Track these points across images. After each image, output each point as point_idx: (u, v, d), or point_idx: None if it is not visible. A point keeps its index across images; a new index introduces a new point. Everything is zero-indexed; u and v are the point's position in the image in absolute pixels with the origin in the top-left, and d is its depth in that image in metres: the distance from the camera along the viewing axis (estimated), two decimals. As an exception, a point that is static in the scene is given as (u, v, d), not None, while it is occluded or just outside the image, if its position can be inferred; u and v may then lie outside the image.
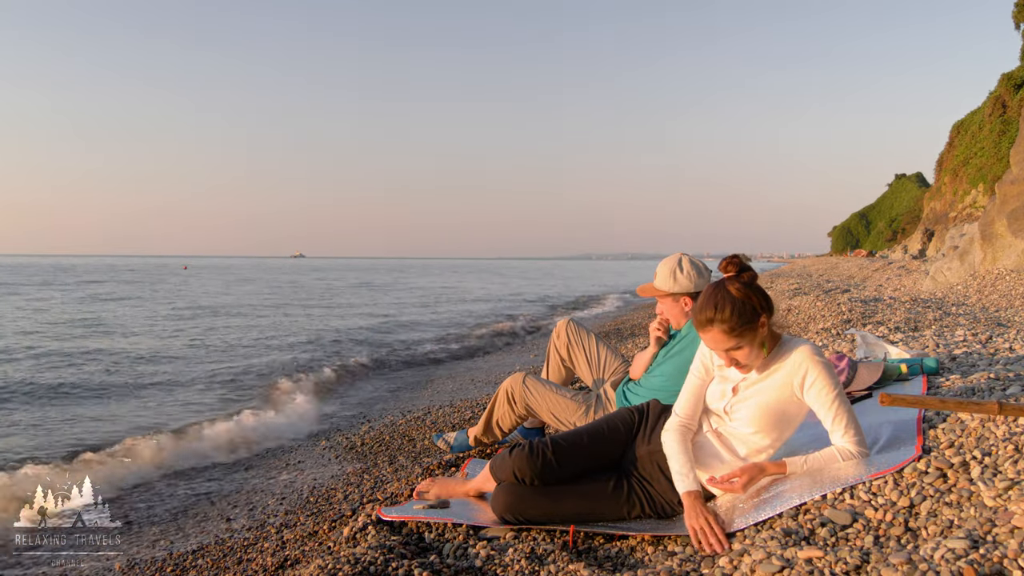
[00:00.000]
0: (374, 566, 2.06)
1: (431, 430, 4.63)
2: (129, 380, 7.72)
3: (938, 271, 11.20)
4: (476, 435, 3.50)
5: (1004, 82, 30.75)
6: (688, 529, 2.06)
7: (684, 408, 2.30)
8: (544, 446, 2.32)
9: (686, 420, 2.28)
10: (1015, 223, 9.85)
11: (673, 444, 2.23)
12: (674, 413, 2.31)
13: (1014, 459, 1.91)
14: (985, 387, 2.77)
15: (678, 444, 2.22)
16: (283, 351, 10.10)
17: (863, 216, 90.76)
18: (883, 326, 5.24)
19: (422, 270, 73.91)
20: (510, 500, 2.30)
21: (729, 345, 2.08)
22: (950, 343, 4.13)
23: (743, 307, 2.05)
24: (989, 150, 30.61)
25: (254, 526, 3.28)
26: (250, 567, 2.68)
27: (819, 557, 1.68)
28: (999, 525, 1.62)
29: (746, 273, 2.14)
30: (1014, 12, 26.54)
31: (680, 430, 2.26)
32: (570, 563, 2.04)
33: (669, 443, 2.25)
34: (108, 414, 6.08)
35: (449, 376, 7.87)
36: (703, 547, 2.00)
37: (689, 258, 3.00)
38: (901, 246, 47.95)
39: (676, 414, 2.30)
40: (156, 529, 3.43)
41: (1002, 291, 8.17)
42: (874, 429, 2.39)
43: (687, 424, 2.28)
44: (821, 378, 2.10)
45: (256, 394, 6.94)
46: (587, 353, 3.55)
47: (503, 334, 12.24)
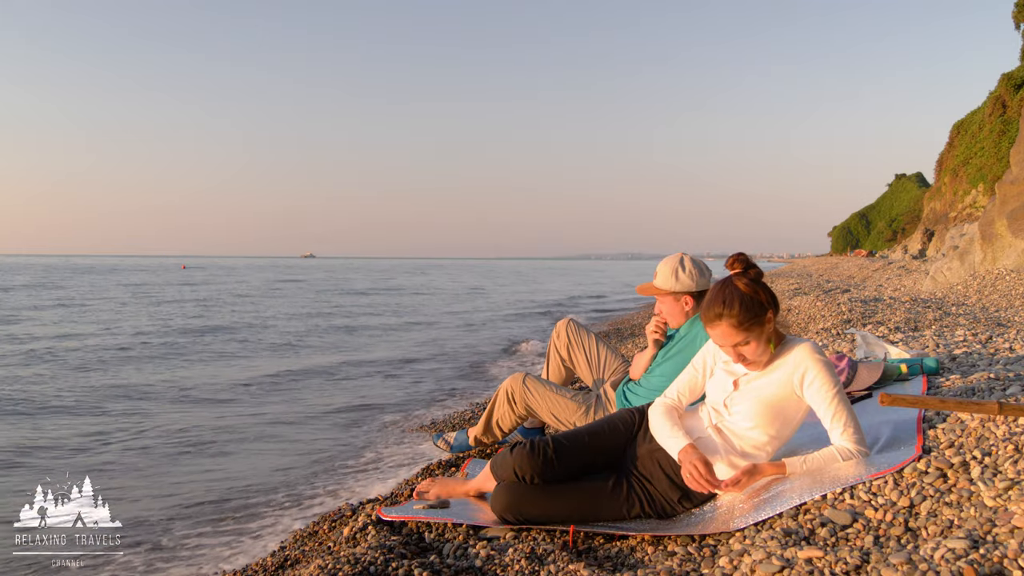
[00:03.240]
0: (374, 566, 2.06)
1: (431, 430, 4.63)
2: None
3: (938, 271, 11.20)
4: (476, 435, 3.50)
5: (1004, 82, 30.75)
6: (684, 475, 2.17)
7: (671, 391, 2.37)
8: (545, 444, 2.32)
9: (671, 401, 2.35)
10: (1015, 223, 9.85)
11: (661, 417, 2.30)
12: (663, 394, 2.39)
13: (1014, 459, 1.91)
14: (985, 387, 2.77)
15: (664, 416, 2.29)
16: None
17: (863, 216, 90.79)
18: (883, 326, 5.24)
19: (435, 270, 73.75)
20: (510, 499, 2.31)
21: (738, 340, 2.11)
22: (950, 343, 4.13)
23: (751, 302, 2.09)
24: (989, 150, 30.61)
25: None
26: (250, 567, 2.69)
27: (819, 557, 1.68)
28: (999, 525, 1.62)
29: (752, 270, 2.19)
30: (1014, 12, 26.55)
31: (663, 406, 2.33)
32: (570, 563, 2.04)
33: (654, 416, 2.32)
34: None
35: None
36: (698, 487, 2.14)
37: (691, 257, 3.01)
38: (901, 246, 47.96)
39: (664, 395, 2.38)
40: (156, 529, 3.43)
41: (1002, 291, 8.17)
42: (874, 429, 2.40)
43: (672, 404, 2.34)
44: (821, 376, 2.11)
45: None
46: (587, 353, 3.55)
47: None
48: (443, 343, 11.16)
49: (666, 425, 2.26)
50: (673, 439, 2.22)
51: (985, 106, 34.26)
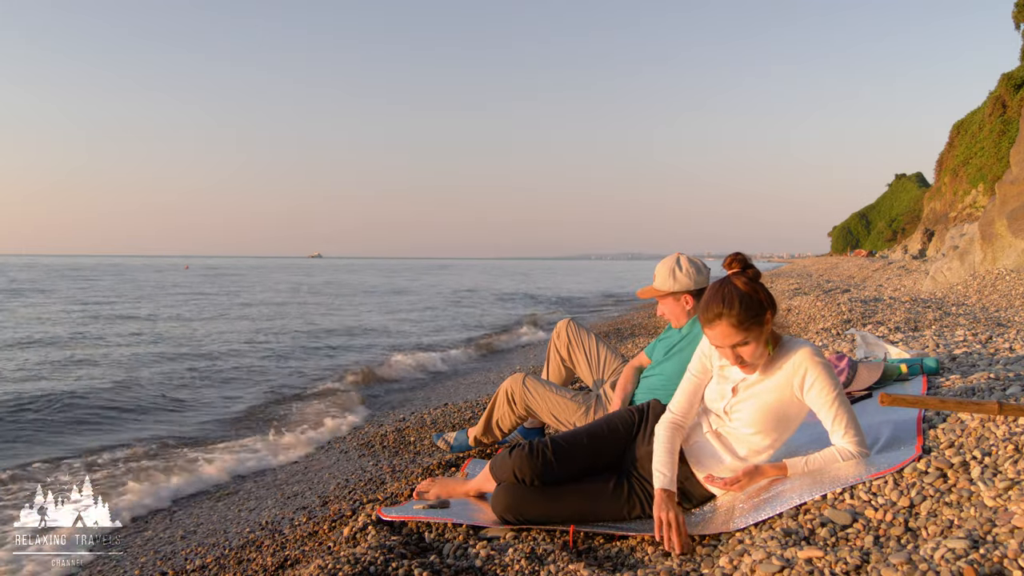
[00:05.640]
0: (374, 566, 2.06)
1: (431, 430, 4.63)
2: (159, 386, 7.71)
3: (938, 271, 11.20)
4: (476, 435, 3.50)
5: (1004, 82, 30.75)
6: (655, 519, 2.11)
7: (679, 406, 2.32)
8: (544, 446, 2.32)
9: (679, 418, 2.30)
10: (1015, 223, 9.85)
11: (661, 441, 2.25)
12: (668, 410, 2.34)
13: (1014, 459, 1.91)
14: (985, 387, 2.77)
15: (665, 442, 2.25)
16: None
17: (863, 216, 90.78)
18: (883, 326, 5.24)
19: (440, 269, 73.55)
20: (510, 500, 2.31)
21: (736, 340, 2.08)
22: (950, 343, 4.13)
23: (750, 301, 2.07)
24: (989, 150, 30.60)
25: (254, 526, 3.28)
26: (250, 567, 2.68)
27: (819, 557, 1.68)
28: (999, 525, 1.62)
29: (750, 269, 2.16)
30: (1014, 12, 26.55)
31: (671, 427, 2.28)
32: (570, 563, 2.04)
33: (657, 438, 2.27)
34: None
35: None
36: (663, 540, 2.06)
37: (687, 257, 3.01)
38: (901, 246, 47.94)
39: (670, 411, 2.33)
40: (156, 528, 3.44)
41: (1002, 291, 8.16)
42: (874, 429, 2.39)
43: (679, 422, 2.29)
44: (821, 379, 2.10)
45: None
46: (587, 353, 3.55)
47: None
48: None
49: (663, 457, 2.22)
50: (658, 473, 2.19)
51: (985, 106, 34.25)
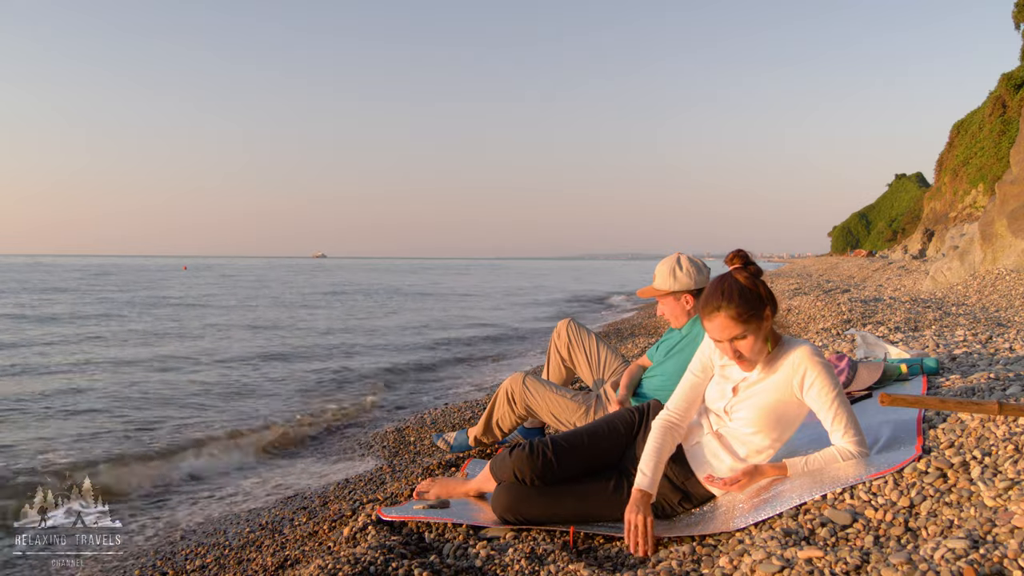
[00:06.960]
0: (374, 566, 2.06)
1: (431, 430, 4.63)
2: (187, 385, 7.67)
3: (938, 271, 11.19)
4: (476, 435, 3.50)
5: (1004, 82, 30.76)
6: (624, 520, 2.11)
7: (676, 405, 2.31)
8: (544, 446, 2.32)
9: (675, 418, 2.29)
10: (1015, 223, 9.85)
11: (653, 440, 2.24)
12: (665, 408, 2.33)
13: (1014, 459, 1.91)
14: (985, 387, 2.77)
15: (654, 441, 2.24)
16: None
17: (863, 216, 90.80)
18: (883, 326, 5.24)
19: (443, 270, 73.46)
20: (510, 500, 2.31)
21: (735, 333, 2.08)
22: (950, 343, 4.13)
23: (750, 295, 2.08)
24: (989, 150, 30.62)
25: (254, 526, 3.28)
26: (250, 567, 2.68)
27: (819, 557, 1.68)
28: (999, 525, 1.62)
29: (751, 266, 2.18)
30: (1014, 12, 26.56)
31: (664, 427, 2.27)
32: (570, 563, 2.04)
33: (650, 438, 2.26)
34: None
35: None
36: (630, 543, 2.06)
37: (688, 256, 3.02)
38: (901, 246, 47.93)
39: (667, 410, 2.32)
40: (156, 528, 3.43)
41: (1002, 291, 8.16)
42: (874, 429, 2.39)
43: (675, 422, 2.28)
44: (821, 379, 2.10)
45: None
46: (587, 353, 3.55)
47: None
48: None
49: (652, 457, 2.20)
50: (642, 474, 2.18)
51: (985, 106, 34.27)
